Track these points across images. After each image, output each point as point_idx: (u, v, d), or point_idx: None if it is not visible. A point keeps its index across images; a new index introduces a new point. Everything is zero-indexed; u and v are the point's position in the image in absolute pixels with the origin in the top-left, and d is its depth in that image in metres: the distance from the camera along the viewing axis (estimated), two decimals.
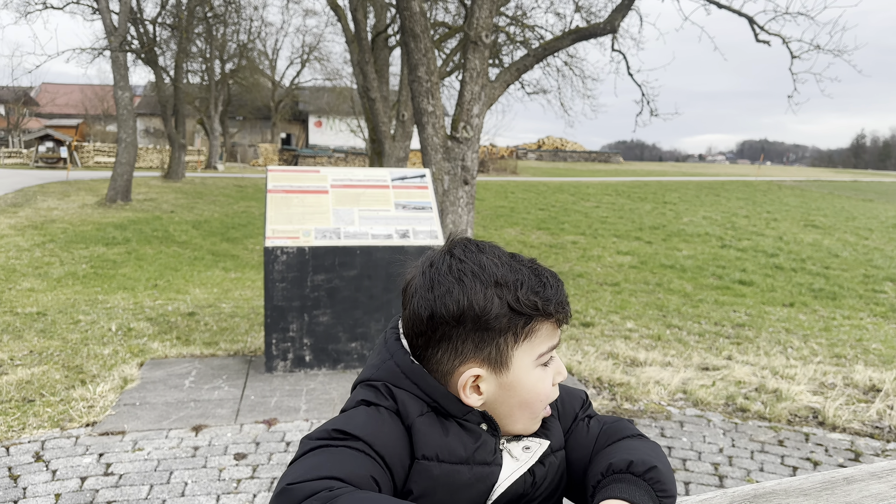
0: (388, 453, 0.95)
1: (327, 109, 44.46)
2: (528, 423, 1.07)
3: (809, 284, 11.00)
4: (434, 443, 0.99)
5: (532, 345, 1.02)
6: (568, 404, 1.19)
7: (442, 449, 1.00)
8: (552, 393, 1.07)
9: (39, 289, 8.71)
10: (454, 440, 1.01)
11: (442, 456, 0.99)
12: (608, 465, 1.03)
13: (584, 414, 1.20)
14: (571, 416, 1.19)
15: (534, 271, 1.03)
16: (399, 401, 1.01)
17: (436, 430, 1.00)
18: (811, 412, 4.79)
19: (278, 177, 5.66)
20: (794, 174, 51.47)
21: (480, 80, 8.30)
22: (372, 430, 0.96)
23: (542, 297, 1.00)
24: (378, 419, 0.99)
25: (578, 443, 1.15)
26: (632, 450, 1.06)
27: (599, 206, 21.24)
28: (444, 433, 1.01)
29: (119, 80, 17.93)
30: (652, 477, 1.00)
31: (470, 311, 0.98)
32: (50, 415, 4.34)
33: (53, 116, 48.02)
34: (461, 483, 1.00)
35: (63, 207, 17.09)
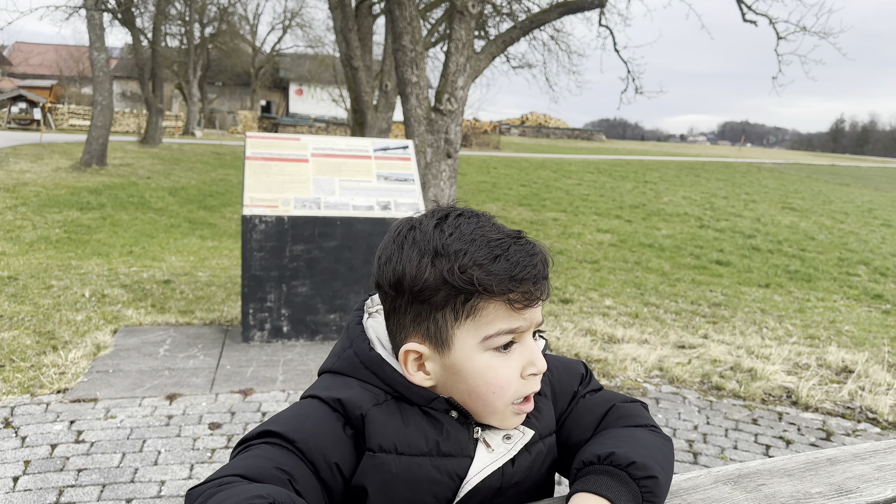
0: (308, 447, 0.90)
1: (309, 77, 43.85)
2: (492, 416, 0.96)
3: (785, 266, 11.12)
4: (390, 433, 0.93)
5: (477, 325, 0.91)
6: (565, 382, 1.11)
7: (400, 440, 0.93)
8: (519, 386, 0.95)
9: (11, 253, 8.53)
10: (415, 431, 0.94)
11: (401, 448, 0.93)
12: (610, 454, 0.95)
13: (586, 390, 1.13)
14: (569, 395, 1.11)
15: (499, 244, 0.90)
16: (348, 396, 0.95)
17: (394, 420, 0.94)
18: (785, 392, 4.85)
19: (257, 144, 5.55)
20: (774, 157, 51.89)
21: (466, 51, 8.19)
22: (295, 424, 0.92)
23: (485, 272, 0.88)
24: (308, 413, 0.95)
25: (580, 421, 1.08)
26: (642, 447, 0.99)
27: (581, 184, 21.26)
28: (404, 423, 0.94)
29: (95, 41, 17.47)
30: (647, 486, 0.94)
31: (404, 281, 0.91)
32: (20, 381, 4.26)
33: (27, 77, 46.85)
34: (424, 477, 0.93)
35: (36, 170, 16.73)
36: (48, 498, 3.00)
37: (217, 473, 0.85)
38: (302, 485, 0.87)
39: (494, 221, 0.96)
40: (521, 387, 0.95)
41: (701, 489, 1.10)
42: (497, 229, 0.93)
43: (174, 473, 3.26)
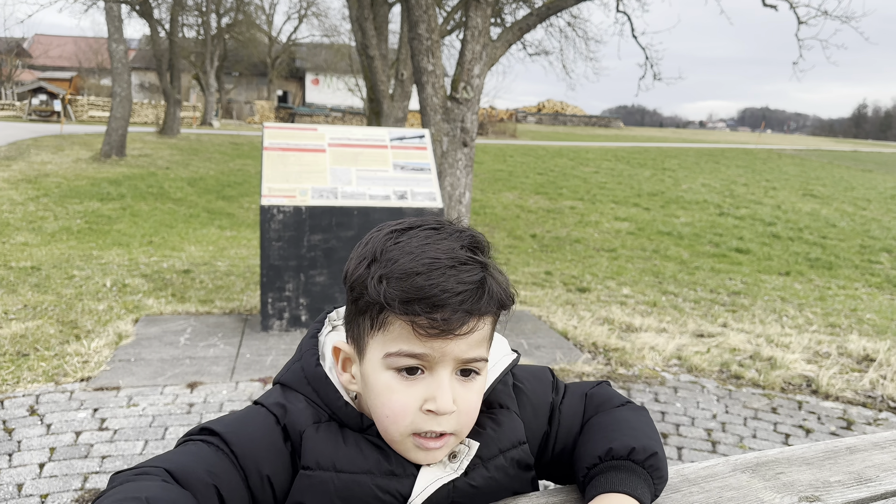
0: (243, 453, 0.89)
1: (325, 67, 43.90)
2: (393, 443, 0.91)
3: (806, 254, 11.01)
4: (328, 452, 0.91)
5: (384, 339, 0.87)
6: (540, 393, 1.06)
7: (339, 458, 0.91)
8: (417, 419, 0.88)
9: (33, 243, 8.66)
10: (354, 449, 0.92)
11: (339, 465, 0.90)
12: (608, 450, 0.95)
13: (560, 397, 1.08)
14: (547, 406, 1.06)
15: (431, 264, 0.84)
16: (291, 410, 0.94)
17: (333, 438, 0.92)
18: (805, 380, 4.81)
19: (275, 134, 5.57)
20: (795, 143, 51.25)
21: (482, 39, 8.16)
22: (236, 427, 0.92)
23: (395, 287, 0.83)
24: (251, 419, 0.94)
25: (570, 427, 1.06)
26: (630, 429, 0.99)
27: (598, 172, 21.13)
28: (344, 442, 0.92)
29: (113, 33, 17.60)
30: (652, 465, 0.95)
31: (346, 277, 0.92)
32: (44, 369, 4.33)
33: (47, 69, 47.31)
34: (365, 495, 0.90)
35: (57, 161, 16.92)
36: (73, 484, 3.06)
37: (147, 462, 0.85)
38: (227, 490, 0.86)
39: (465, 244, 0.88)
40: (419, 420, 0.88)
41: (719, 477, 1.10)
42: (450, 250, 0.86)
43: None
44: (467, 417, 0.92)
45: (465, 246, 0.88)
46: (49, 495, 2.96)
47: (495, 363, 1.01)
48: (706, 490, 1.06)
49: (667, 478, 0.98)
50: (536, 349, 5.19)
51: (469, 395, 0.90)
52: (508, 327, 5.74)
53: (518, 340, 5.38)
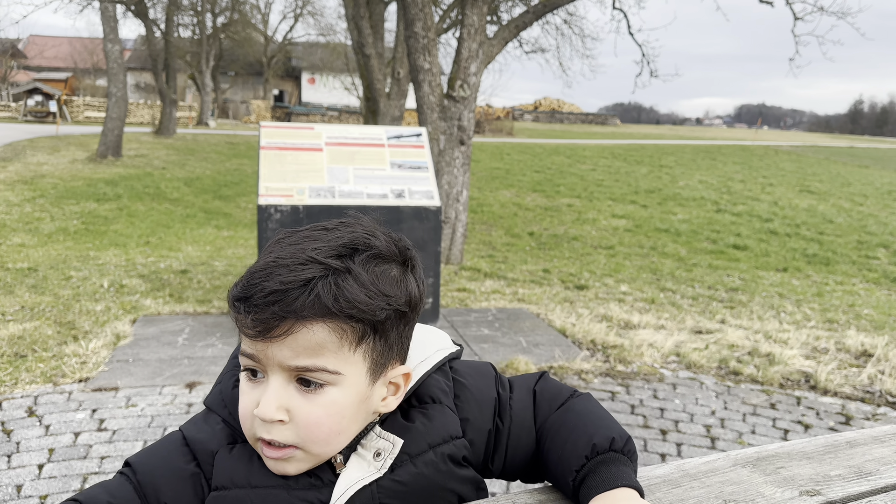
0: (146, 482, 0.90)
1: (321, 66, 43.81)
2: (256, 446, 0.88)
3: (803, 250, 11.02)
4: (242, 469, 0.89)
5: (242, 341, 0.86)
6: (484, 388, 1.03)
7: (254, 474, 0.88)
8: (255, 423, 0.85)
9: (30, 244, 8.64)
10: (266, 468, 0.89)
11: (254, 481, 0.88)
12: (592, 447, 0.93)
13: (506, 392, 1.04)
14: (492, 402, 1.02)
15: (274, 262, 0.82)
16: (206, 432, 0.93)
17: (247, 456, 0.90)
18: (803, 376, 4.82)
19: (271, 133, 5.57)
20: (791, 139, 51.31)
21: (478, 37, 8.16)
22: (145, 458, 0.93)
23: (235, 286, 0.84)
24: (162, 447, 0.94)
25: (523, 423, 1.02)
26: (598, 419, 0.99)
27: (595, 169, 21.15)
28: (259, 458, 0.89)
29: (108, 33, 17.57)
30: (630, 449, 0.96)
31: None
32: (42, 370, 4.32)
33: (42, 69, 47.20)
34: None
35: (53, 162, 16.89)
36: (73, 485, 3.05)
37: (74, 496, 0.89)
38: None
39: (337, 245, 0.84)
40: (257, 425, 0.85)
41: (720, 472, 1.10)
42: (298, 251, 0.83)
43: None
44: (307, 431, 0.85)
45: (329, 247, 0.83)
46: (48, 496, 2.96)
47: (426, 357, 0.98)
48: (707, 485, 1.06)
49: (637, 454, 0.99)
50: (535, 347, 5.19)
51: (309, 408, 0.84)
52: (507, 325, 5.74)
53: (516, 338, 5.38)
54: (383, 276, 0.85)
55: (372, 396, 0.90)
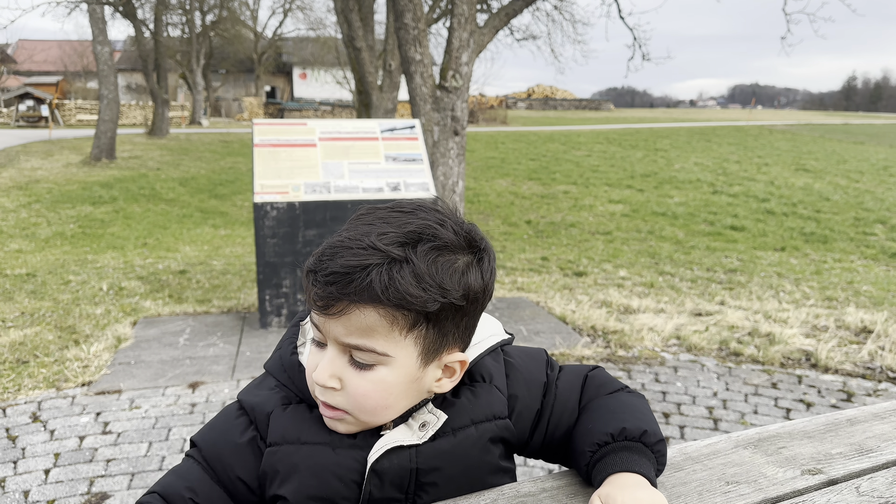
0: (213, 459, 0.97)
1: (312, 60, 43.69)
2: None
3: (800, 228, 11.04)
4: (294, 427, 0.95)
5: None
6: (534, 369, 1.07)
7: (304, 431, 0.94)
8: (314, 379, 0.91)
9: (28, 250, 8.63)
10: (319, 424, 0.95)
11: (304, 438, 0.94)
12: (622, 430, 0.96)
13: (555, 374, 1.09)
14: (541, 384, 1.06)
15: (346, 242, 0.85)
16: (261, 396, 1.00)
17: (300, 416, 0.96)
18: (804, 355, 4.84)
19: (265, 130, 5.55)
20: (786, 118, 51.25)
21: (469, 26, 8.12)
22: (207, 435, 1.00)
23: (312, 256, 0.88)
24: (220, 422, 1.01)
25: (566, 404, 1.06)
26: (638, 412, 1.01)
27: (591, 155, 21.12)
28: (310, 419, 0.95)
29: (97, 35, 17.47)
30: (659, 450, 0.97)
31: None
32: (45, 375, 4.33)
33: (32, 74, 46.98)
34: (328, 463, 0.93)
35: (47, 167, 16.84)
36: (79, 488, 3.06)
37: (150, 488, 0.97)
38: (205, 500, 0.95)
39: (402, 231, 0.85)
40: (316, 386, 0.92)
41: (722, 454, 1.11)
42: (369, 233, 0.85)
43: None
44: (356, 401, 0.90)
45: (396, 234, 0.85)
46: (56, 501, 2.96)
47: (479, 341, 1.02)
48: (709, 467, 1.06)
49: (666, 463, 1.01)
50: (535, 335, 5.20)
51: (358, 381, 0.89)
52: (507, 314, 5.75)
53: (517, 327, 5.39)
54: (444, 268, 0.86)
55: (424, 378, 0.93)
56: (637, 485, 0.91)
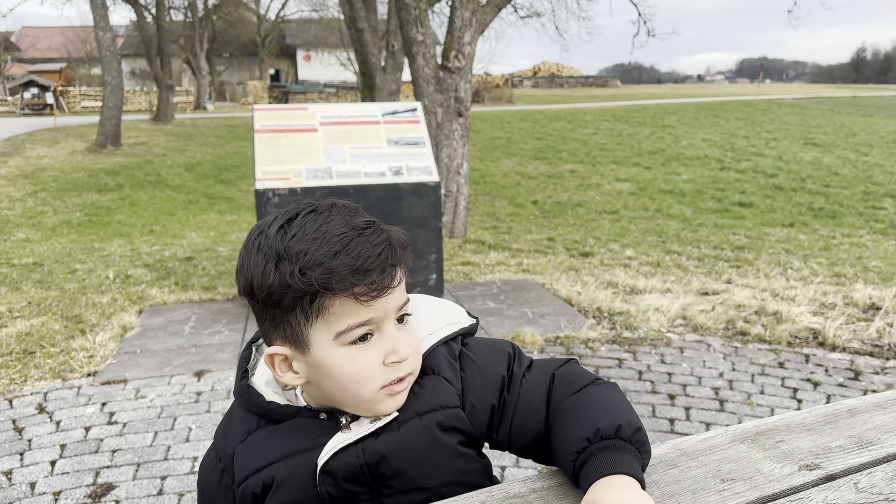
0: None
1: (315, 42, 43.42)
2: (364, 404, 0.97)
3: (809, 204, 10.94)
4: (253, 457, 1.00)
5: (328, 323, 0.92)
6: (493, 363, 1.06)
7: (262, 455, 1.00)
8: (384, 374, 0.95)
9: (34, 239, 8.66)
10: (284, 440, 0.99)
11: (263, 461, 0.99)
12: (595, 431, 0.94)
13: (521, 370, 1.07)
14: (498, 378, 1.05)
15: (341, 239, 0.90)
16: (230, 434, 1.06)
17: (259, 441, 1.01)
18: (811, 333, 4.80)
19: (265, 116, 5.52)
20: (794, 91, 50.67)
21: (471, 4, 8.03)
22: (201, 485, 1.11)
23: (324, 270, 0.88)
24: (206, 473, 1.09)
25: (530, 402, 1.04)
26: (610, 406, 0.99)
27: (597, 133, 20.97)
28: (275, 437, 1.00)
29: (99, 21, 17.39)
30: (639, 440, 0.95)
31: (254, 288, 0.93)
32: (51, 366, 4.35)
33: (36, 61, 46.94)
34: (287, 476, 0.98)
35: (53, 155, 16.86)
36: (85, 479, 3.08)
37: None
38: None
39: (349, 213, 0.95)
40: (385, 374, 0.96)
41: (718, 449, 1.08)
42: (345, 223, 0.92)
43: (206, 449, 3.33)
44: (417, 353, 1.00)
45: (350, 214, 0.95)
46: (62, 492, 2.98)
47: (434, 331, 1.07)
48: (704, 464, 1.04)
49: (650, 450, 0.98)
50: (541, 318, 5.18)
51: (411, 335, 1.00)
52: (512, 296, 5.73)
53: (522, 309, 5.38)
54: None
55: None
56: (622, 486, 0.89)
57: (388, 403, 0.98)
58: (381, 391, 0.96)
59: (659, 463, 1.05)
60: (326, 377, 0.96)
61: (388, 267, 0.92)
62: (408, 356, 0.97)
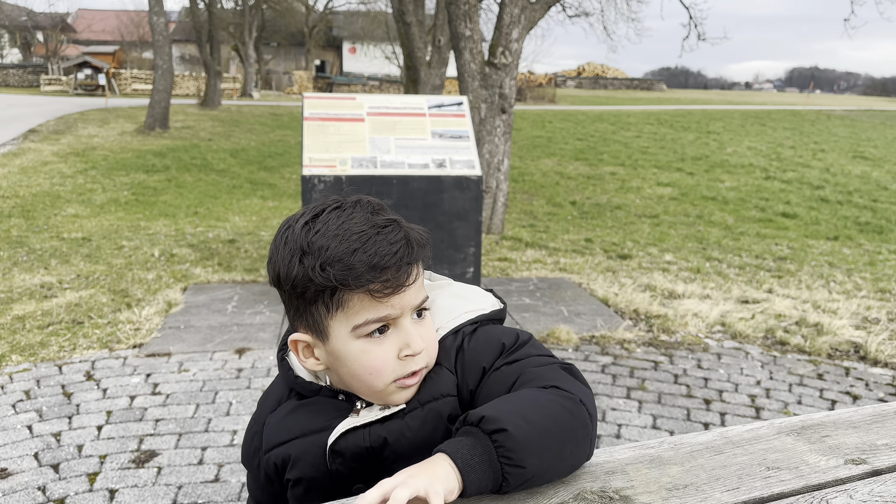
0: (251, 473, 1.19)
1: (361, 35, 43.71)
2: (375, 395, 1.03)
3: (856, 217, 10.70)
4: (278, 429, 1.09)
5: (346, 316, 0.97)
6: (480, 353, 1.05)
7: (286, 430, 1.08)
8: (397, 367, 0.99)
9: (83, 215, 8.91)
10: (304, 418, 1.08)
11: (286, 436, 1.08)
12: (465, 416, 0.90)
13: (502, 362, 1.04)
14: (478, 369, 1.04)
15: (360, 237, 0.94)
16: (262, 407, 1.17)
17: (289, 415, 1.10)
18: (853, 346, 4.72)
19: (315, 104, 5.60)
20: (845, 103, 49.45)
21: (520, 2, 8.03)
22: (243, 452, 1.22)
23: (343, 266, 0.93)
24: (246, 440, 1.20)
25: (488, 395, 1.01)
26: (512, 403, 0.91)
27: (640, 136, 20.75)
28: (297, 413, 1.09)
29: (154, 5, 17.77)
30: (498, 440, 0.84)
31: (280, 279, 0.99)
32: (98, 336, 4.49)
33: (90, 43, 48.06)
34: (303, 452, 1.06)
35: (103, 135, 17.29)
36: (129, 446, 3.19)
37: None
38: None
39: (372, 211, 0.99)
40: (399, 367, 1.00)
41: (763, 440, 1.10)
42: (366, 220, 0.97)
43: (245, 423, 3.40)
44: (433, 347, 1.05)
45: (372, 212, 0.99)
46: (107, 456, 3.09)
47: (450, 320, 1.10)
48: (749, 452, 1.06)
49: (524, 466, 0.85)
50: (577, 316, 5.18)
51: (428, 330, 1.04)
52: (548, 294, 5.74)
53: (557, 307, 5.38)
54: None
55: None
56: (430, 461, 0.85)
57: (398, 395, 1.03)
58: (392, 384, 1.01)
59: (705, 448, 1.07)
60: (343, 366, 1.01)
61: (404, 265, 0.96)
62: (421, 350, 1.00)
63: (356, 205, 1.00)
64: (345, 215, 0.98)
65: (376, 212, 0.99)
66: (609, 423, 3.58)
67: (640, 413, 3.70)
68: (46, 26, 43.75)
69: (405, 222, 1.00)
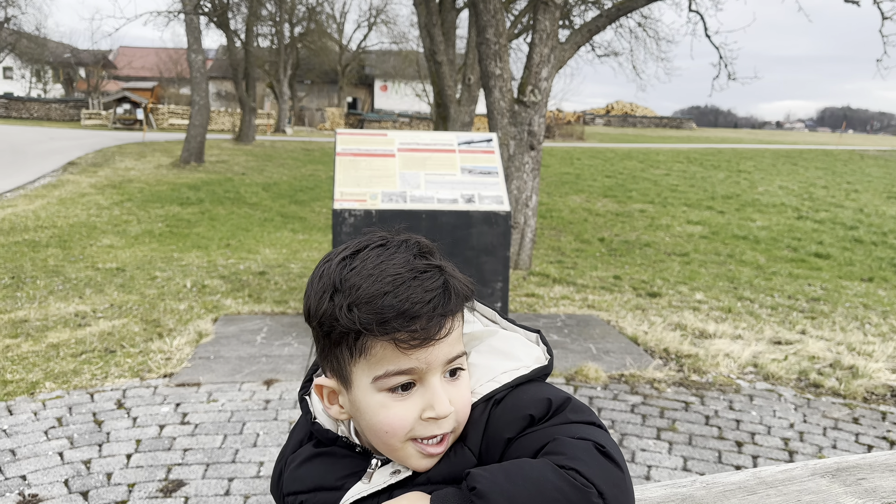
0: None
1: (393, 73, 44.52)
2: (391, 453, 0.94)
3: (890, 259, 10.50)
4: (297, 477, 1.03)
5: (368, 364, 0.88)
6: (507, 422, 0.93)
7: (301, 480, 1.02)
8: (419, 428, 0.90)
9: (118, 245, 9.09)
10: (320, 467, 1.01)
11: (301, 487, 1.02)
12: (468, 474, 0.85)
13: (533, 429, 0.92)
14: (500, 444, 0.92)
15: (394, 280, 0.86)
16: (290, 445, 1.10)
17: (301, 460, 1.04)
18: (889, 390, 4.60)
19: (347, 140, 5.70)
20: (879, 143, 48.83)
21: (550, 42, 8.13)
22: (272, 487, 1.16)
23: (369, 309, 0.85)
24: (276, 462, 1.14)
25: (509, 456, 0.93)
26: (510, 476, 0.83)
27: (669, 174, 20.69)
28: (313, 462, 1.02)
29: (192, 43, 18.33)
30: (474, 486, 0.82)
31: (310, 314, 0.93)
32: (130, 365, 4.56)
33: (130, 79, 49.55)
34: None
35: (140, 168, 17.72)
36: (158, 475, 3.21)
37: None
38: None
39: (416, 253, 0.91)
40: (419, 428, 0.90)
41: (797, 481, 1.09)
42: (405, 262, 0.89)
43: (272, 455, 3.42)
44: (464, 413, 0.93)
45: (416, 255, 0.91)
46: (136, 484, 3.12)
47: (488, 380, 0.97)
48: (783, 493, 1.05)
49: None
50: (605, 354, 5.13)
51: (460, 392, 0.92)
52: (576, 331, 5.70)
53: (586, 344, 5.34)
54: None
55: None
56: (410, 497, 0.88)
57: (417, 461, 0.93)
58: (410, 444, 0.91)
59: (738, 489, 1.06)
60: (362, 419, 0.93)
61: (437, 316, 0.87)
62: (446, 415, 0.89)
63: (402, 245, 0.92)
64: (385, 254, 0.90)
65: (421, 254, 0.91)
66: (639, 464, 3.52)
67: (670, 455, 3.64)
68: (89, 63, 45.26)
69: (451, 269, 0.92)
